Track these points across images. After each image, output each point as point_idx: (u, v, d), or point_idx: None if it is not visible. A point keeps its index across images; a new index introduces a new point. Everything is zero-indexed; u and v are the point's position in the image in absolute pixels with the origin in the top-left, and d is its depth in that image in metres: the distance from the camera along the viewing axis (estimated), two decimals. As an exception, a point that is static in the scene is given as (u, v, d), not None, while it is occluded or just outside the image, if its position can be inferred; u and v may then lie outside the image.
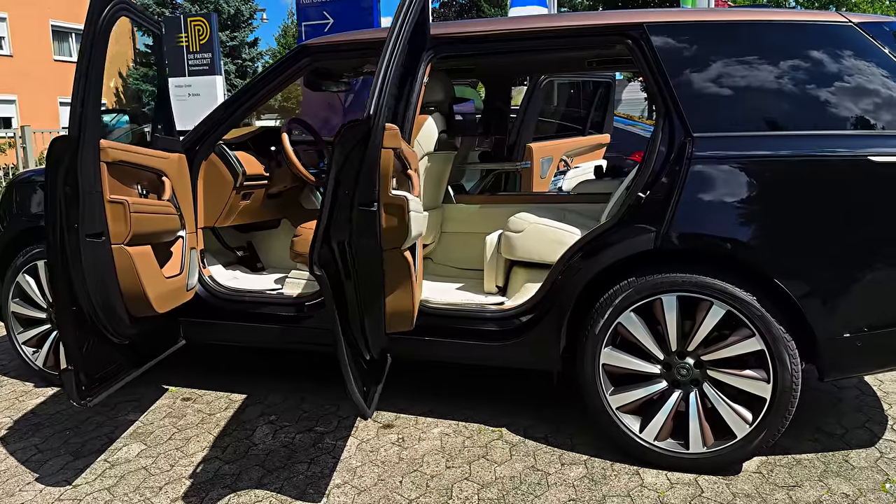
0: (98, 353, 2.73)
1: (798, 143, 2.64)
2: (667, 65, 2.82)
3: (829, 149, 2.61)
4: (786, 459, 2.90)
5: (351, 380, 2.34)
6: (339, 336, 2.27)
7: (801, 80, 2.70)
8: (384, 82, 2.07)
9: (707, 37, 2.81)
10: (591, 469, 2.85)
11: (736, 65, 2.76)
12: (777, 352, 2.62)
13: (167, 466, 2.95)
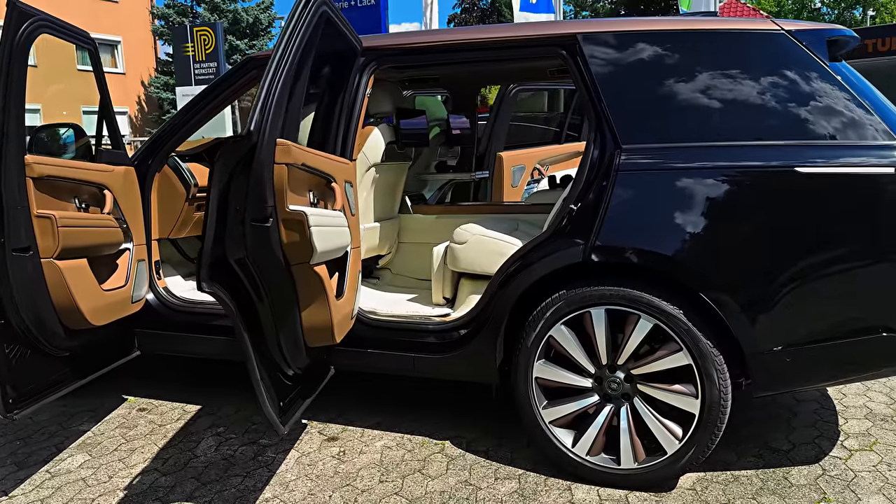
0: (30, 366, 2.77)
1: (724, 154, 2.59)
2: (597, 76, 2.79)
3: (755, 160, 2.55)
4: (724, 476, 2.84)
5: (263, 395, 2.34)
6: (247, 352, 2.28)
7: (730, 89, 2.65)
8: (268, 98, 2.07)
9: (637, 46, 2.77)
10: (524, 484, 2.82)
11: (665, 75, 2.71)
12: (704, 367, 2.57)
13: (105, 478, 2.98)
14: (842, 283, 2.51)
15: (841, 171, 2.48)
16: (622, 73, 2.76)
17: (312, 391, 2.84)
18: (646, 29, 2.79)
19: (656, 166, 2.66)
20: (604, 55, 2.80)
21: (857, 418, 3.33)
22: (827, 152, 2.51)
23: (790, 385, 2.70)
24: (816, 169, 2.49)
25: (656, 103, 2.71)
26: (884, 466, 2.86)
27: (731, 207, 2.56)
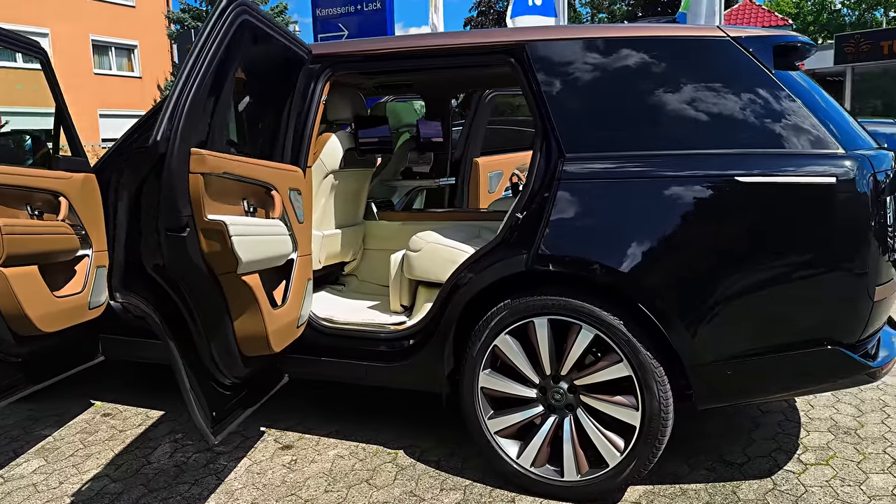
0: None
1: (662, 163, 2.55)
2: (543, 84, 2.76)
3: (694, 169, 2.51)
4: (672, 489, 2.79)
5: (193, 404, 2.34)
6: (174, 360, 2.28)
7: (672, 97, 2.61)
8: (177, 108, 2.06)
9: (581, 55, 2.74)
10: (468, 495, 2.80)
11: (608, 83, 2.68)
12: (644, 378, 2.53)
13: (56, 484, 3.00)
14: (783, 295, 2.46)
15: (782, 180, 2.42)
16: (566, 81, 2.73)
17: (256, 400, 2.84)
18: (588, 36, 2.76)
19: (596, 175, 2.62)
20: (549, 63, 2.77)
21: (820, 431, 3.27)
22: (768, 161, 2.46)
23: (734, 398, 2.65)
24: (756, 178, 2.44)
25: (599, 111, 2.68)
26: (837, 482, 2.80)
27: (668, 217, 2.52)
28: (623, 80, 2.67)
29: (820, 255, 2.43)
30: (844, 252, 2.41)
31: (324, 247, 3.52)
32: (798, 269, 2.44)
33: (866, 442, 3.14)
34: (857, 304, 2.44)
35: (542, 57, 2.78)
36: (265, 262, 2.45)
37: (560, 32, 2.82)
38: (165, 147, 2.02)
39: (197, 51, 2.14)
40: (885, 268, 2.50)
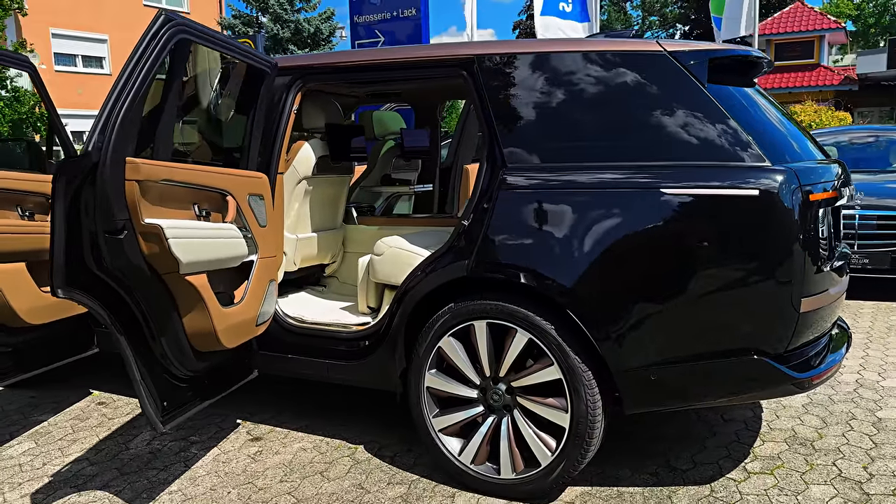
0: None
1: (594, 175, 2.63)
2: (489, 96, 2.87)
3: (621, 180, 2.59)
4: (609, 491, 2.86)
5: (143, 393, 2.53)
6: (124, 351, 2.47)
7: (607, 110, 2.69)
8: (109, 120, 2.24)
9: (524, 69, 2.84)
10: (412, 489, 2.92)
11: (547, 96, 2.77)
12: (573, 382, 2.62)
13: (39, 465, 3.24)
14: (707, 304, 2.51)
15: (706, 192, 2.48)
16: (509, 94, 2.83)
17: (218, 392, 3.01)
18: (532, 51, 2.85)
19: (531, 186, 2.72)
20: (495, 76, 2.88)
21: (776, 441, 3.28)
22: (694, 173, 2.52)
23: (660, 403, 2.70)
24: (681, 190, 2.50)
25: (538, 124, 2.78)
26: (775, 491, 2.82)
27: (595, 227, 2.59)
28: (561, 94, 2.76)
29: (743, 266, 2.47)
30: (767, 263, 2.45)
31: (298, 249, 3.69)
32: (721, 280, 2.49)
33: (819, 454, 3.15)
34: (782, 315, 2.48)
35: (490, 70, 2.89)
36: (212, 264, 2.63)
37: (506, 47, 2.92)
38: (98, 156, 2.21)
39: (130, 68, 2.33)
40: (814, 279, 2.54)
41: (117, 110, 2.25)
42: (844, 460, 3.07)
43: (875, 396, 3.81)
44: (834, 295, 2.73)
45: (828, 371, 2.69)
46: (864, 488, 2.83)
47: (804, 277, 2.47)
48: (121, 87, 2.30)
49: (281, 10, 26.41)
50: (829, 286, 2.68)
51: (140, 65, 2.33)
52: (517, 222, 2.73)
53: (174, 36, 2.44)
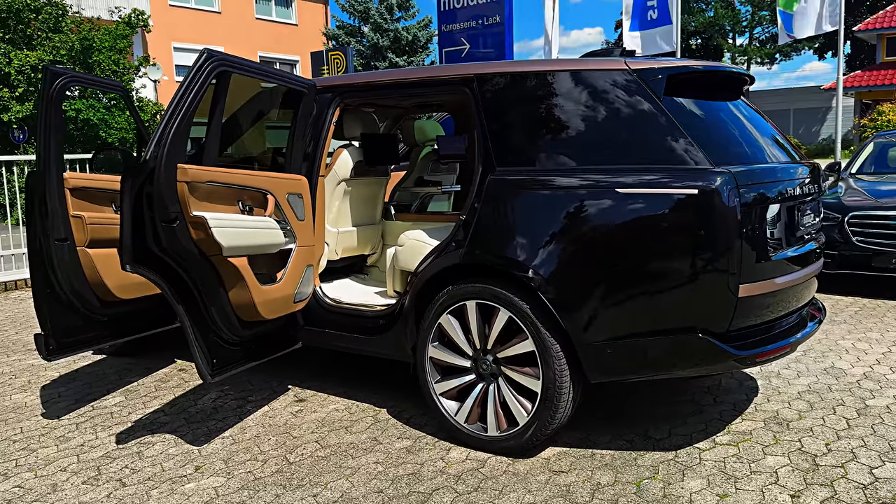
0: (69, 324, 3.79)
1: (563, 176, 3.07)
2: (485, 109, 3.36)
3: (585, 181, 3.01)
4: (583, 452, 3.28)
5: (196, 352, 3.18)
6: (181, 317, 3.13)
7: (576, 120, 3.13)
8: (163, 137, 2.87)
9: (513, 85, 3.31)
10: (416, 443, 3.45)
11: (529, 108, 3.24)
12: (543, 353, 3.07)
13: (126, 413, 3.99)
14: (655, 288, 2.90)
15: (654, 191, 2.88)
16: (499, 106, 3.32)
17: (263, 356, 3.64)
18: (517, 70, 3.32)
19: (512, 185, 3.19)
20: (490, 92, 3.36)
21: (755, 420, 3.59)
22: (645, 175, 2.92)
23: (617, 374, 3.10)
24: (633, 189, 2.91)
25: (520, 133, 3.24)
26: (733, 458, 3.16)
27: (562, 221, 3.03)
28: (539, 107, 3.22)
29: (686, 255, 2.85)
30: (707, 253, 2.82)
31: (339, 241, 4.29)
32: (668, 267, 2.88)
33: (790, 432, 3.43)
34: (721, 299, 2.84)
35: (487, 87, 3.38)
36: (251, 249, 3.25)
37: (499, 67, 3.39)
38: (154, 163, 2.86)
39: (180, 94, 2.96)
40: (756, 267, 2.88)
41: (170, 127, 2.90)
42: (811, 437, 3.35)
43: (874, 387, 4.01)
44: (784, 282, 3.04)
45: (775, 351, 3.02)
46: (817, 461, 3.11)
47: (741, 266, 2.82)
48: (172, 109, 2.94)
49: (381, 19, 27.53)
50: (778, 274, 3.00)
51: (188, 91, 2.97)
52: (500, 217, 3.21)
53: (215, 68, 3.07)
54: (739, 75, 3.39)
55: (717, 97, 3.28)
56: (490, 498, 2.90)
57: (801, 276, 3.21)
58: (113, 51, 20.00)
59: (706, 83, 3.23)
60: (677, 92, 3.06)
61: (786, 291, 3.09)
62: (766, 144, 3.31)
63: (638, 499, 2.85)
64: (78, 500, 2.99)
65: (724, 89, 3.36)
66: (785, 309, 3.19)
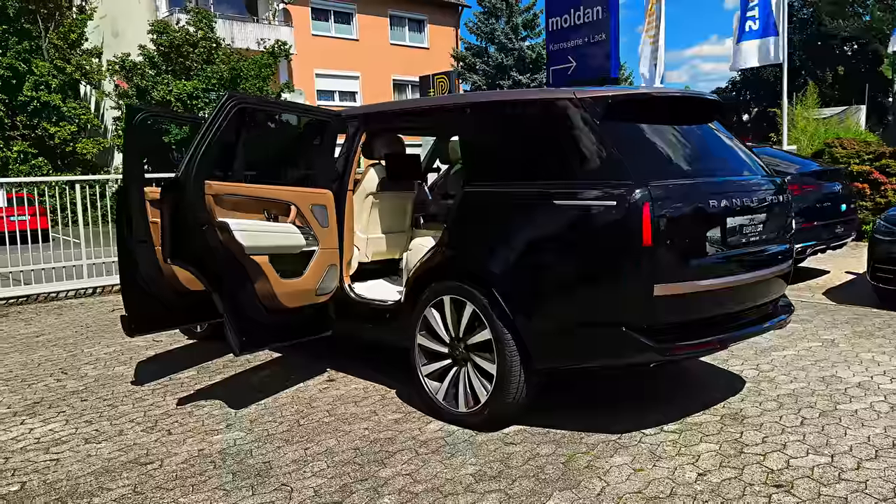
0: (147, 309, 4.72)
1: (513, 190, 3.61)
2: (462, 134, 3.96)
3: (529, 194, 3.53)
4: (539, 430, 3.75)
5: (229, 331, 3.98)
6: (218, 302, 3.95)
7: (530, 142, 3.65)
8: (192, 160, 3.66)
9: (480, 113, 3.89)
10: (406, 416, 4.06)
11: (493, 133, 3.80)
12: (498, 341, 3.60)
13: (193, 384, 4.88)
14: (586, 286, 3.37)
15: (582, 203, 3.35)
16: (471, 131, 3.90)
17: (291, 339, 4.41)
18: (483, 101, 3.92)
19: (474, 198, 3.77)
20: (465, 119, 3.96)
21: (715, 415, 3.89)
22: (578, 189, 3.39)
23: (557, 361, 3.56)
24: (566, 202, 3.39)
25: (485, 153, 3.81)
26: (668, 443, 3.52)
27: (510, 228, 3.57)
28: (501, 130, 3.79)
29: (609, 257, 3.30)
30: (625, 256, 3.26)
31: (369, 245, 5.00)
32: (595, 269, 3.34)
33: (739, 426, 3.72)
34: (638, 298, 3.26)
35: (473, 113, 3.97)
36: (272, 249, 4.01)
37: (471, 98, 4.01)
38: (185, 181, 3.69)
39: (206, 126, 3.77)
40: (672, 270, 3.27)
41: (198, 152, 3.72)
42: (755, 431, 3.63)
43: (858, 394, 4.16)
44: (711, 284, 3.39)
45: (699, 346, 3.39)
46: (745, 450, 3.42)
47: (655, 269, 3.23)
48: (200, 138, 3.76)
49: (506, 39, 28.33)
50: (702, 277, 3.36)
51: (212, 124, 3.78)
52: (466, 224, 3.79)
53: (235, 107, 3.87)
54: (702, 101, 3.77)
55: (672, 120, 3.67)
56: (441, 458, 3.46)
57: (738, 280, 3.53)
58: (258, 79, 22.09)
59: (659, 107, 3.65)
60: (617, 117, 3.50)
61: (716, 293, 3.43)
62: (718, 162, 3.67)
63: (563, 467, 3.31)
64: (134, 442, 3.86)
65: (685, 112, 3.75)
66: (723, 308, 3.53)
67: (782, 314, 3.98)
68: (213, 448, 3.73)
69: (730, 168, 3.78)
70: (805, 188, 7.83)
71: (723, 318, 3.58)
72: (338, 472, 3.37)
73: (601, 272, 3.32)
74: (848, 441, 3.47)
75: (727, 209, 3.48)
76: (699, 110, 3.89)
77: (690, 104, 3.82)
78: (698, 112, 3.88)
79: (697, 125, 3.83)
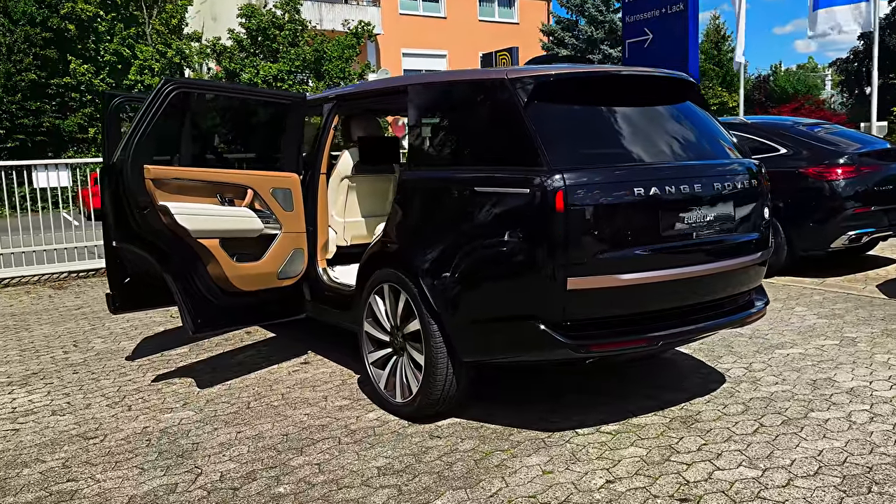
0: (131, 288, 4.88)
1: (440, 176, 3.46)
2: (410, 113, 3.84)
3: (453, 181, 3.38)
4: (476, 424, 3.62)
5: (182, 310, 4.07)
6: (169, 283, 4.04)
7: (458, 126, 3.51)
8: (129, 143, 3.71)
9: (424, 94, 3.75)
10: (352, 404, 4.03)
11: (426, 116, 3.66)
12: (425, 332, 3.49)
13: (179, 362, 5.05)
14: (500, 278, 3.20)
15: (500, 190, 3.18)
16: (416, 111, 3.77)
17: (253, 322, 4.46)
18: (423, 81, 3.76)
19: (407, 184, 3.65)
20: (414, 99, 3.83)
21: (665, 416, 3.63)
22: (497, 176, 3.21)
23: (477, 354, 3.40)
24: (485, 188, 3.23)
25: (421, 138, 3.68)
26: (595, 445, 3.31)
27: (435, 216, 3.45)
28: (432, 113, 3.65)
29: (522, 248, 3.12)
30: (538, 248, 3.07)
31: (347, 229, 4.97)
32: (510, 261, 3.16)
33: (683, 431, 3.46)
34: (551, 291, 3.06)
35: (412, 95, 3.84)
36: (222, 232, 4.05)
37: (415, 80, 3.85)
38: (121, 166, 3.77)
39: (143, 111, 3.82)
40: (589, 262, 3.05)
41: (134, 137, 3.78)
42: (696, 437, 3.36)
43: (842, 401, 3.77)
44: (637, 278, 3.14)
45: (620, 344, 3.16)
46: (672, 458, 3.17)
47: (568, 261, 3.02)
48: (136, 123, 3.83)
49: (596, 11, 27.43)
50: (626, 270, 3.12)
51: (149, 109, 3.83)
52: (400, 210, 3.69)
53: (172, 91, 3.90)
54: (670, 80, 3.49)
55: (625, 100, 3.41)
56: (360, 449, 3.41)
57: (677, 273, 3.25)
58: (340, 60, 22.45)
59: (607, 87, 3.40)
60: (551, 98, 3.28)
61: (645, 287, 3.18)
62: (674, 146, 3.40)
63: (474, 465, 3.18)
64: (93, 416, 4.04)
65: (646, 92, 3.50)
66: (657, 304, 3.27)
67: (747, 310, 3.65)
68: (158, 426, 3.84)
69: (690, 153, 3.48)
70: (863, 169, 7.15)
71: (658, 314, 3.31)
72: (254, 457, 3.39)
73: (515, 264, 3.15)
74: (794, 454, 3.15)
75: (663, 197, 3.20)
76: (663, 90, 3.58)
77: (652, 83, 3.52)
78: (662, 91, 3.58)
79: (660, 105, 3.54)
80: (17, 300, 7.81)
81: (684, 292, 3.34)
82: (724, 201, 3.43)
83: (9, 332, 6.21)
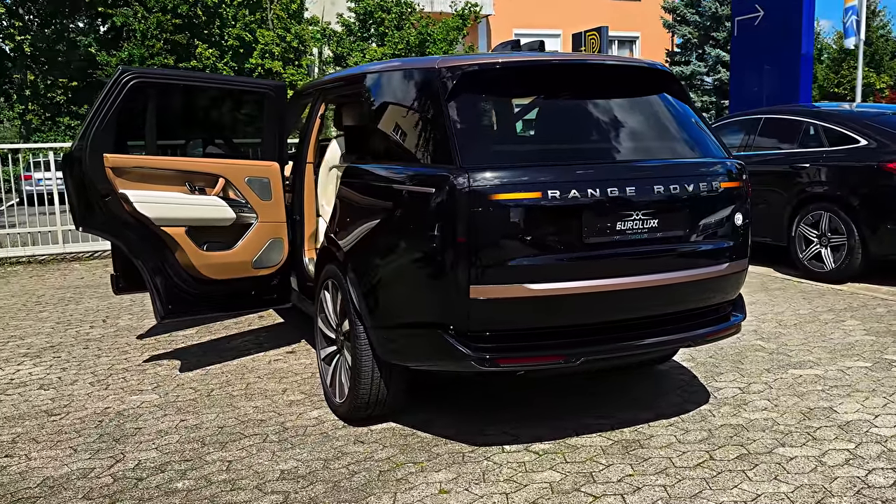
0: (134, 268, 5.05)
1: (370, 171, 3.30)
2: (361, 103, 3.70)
3: (375, 177, 3.21)
4: (408, 431, 3.46)
5: (153, 296, 4.16)
6: (141, 269, 4.13)
7: (388, 118, 3.32)
8: (86, 133, 3.76)
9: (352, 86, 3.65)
10: (305, 399, 3.97)
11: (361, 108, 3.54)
12: (351, 331, 3.37)
13: (181, 343, 5.20)
14: (407, 281, 3.02)
15: (412, 188, 2.99)
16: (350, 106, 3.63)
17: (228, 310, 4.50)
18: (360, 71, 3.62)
19: (344, 177, 3.50)
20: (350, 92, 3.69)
21: (611, 439, 3.32)
22: (413, 173, 3.02)
23: (392, 357, 3.20)
24: (403, 186, 3.05)
25: (356, 129, 3.55)
26: (515, 465, 3.07)
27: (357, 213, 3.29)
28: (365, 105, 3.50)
29: (427, 253, 2.91)
30: (440, 253, 2.85)
31: (335, 219, 4.91)
32: (416, 264, 2.98)
33: (618, 457, 3.14)
34: (454, 299, 2.84)
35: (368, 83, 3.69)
36: (186, 221, 4.08)
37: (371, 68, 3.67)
38: (80, 154, 3.85)
39: (100, 100, 3.87)
40: (495, 271, 2.81)
41: (92, 126, 3.86)
42: (627, 466, 3.04)
43: (827, 435, 3.30)
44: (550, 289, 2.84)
45: (529, 360, 2.90)
46: (584, 487, 2.87)
47: (471, 268, 2.79)
48: (94, 112, 3.90)
49: (722, -13, 25.69)
50: (539, 280, 2.84)
51: (106, 98, 3.89)
52: (339, 206, 3.56)
53: (129, 82, 3.93)
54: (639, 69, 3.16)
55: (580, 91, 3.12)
56: (279, 449, 3.35)
57: (602, 285, 2.93)
58: (444, 42, 22.38)
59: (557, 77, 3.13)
60: (478, 90, 3.04)
61: (563, 298, 2.88)
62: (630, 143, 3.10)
63: (376, 476, 3.03)
64: (72, 393, 4.23)
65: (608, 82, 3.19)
66: (582, 318, 2.96)
67: (714, 325, 3.25)
68: (119, 407, 3.96)
69: (643, 152, 3.12)
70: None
71: (586, 328, 3.00)
72: (178, 448, 3.41)
73: (421, 269, 2.95)
74: (723, 497, 2.77)
75: (586, 201, 2.87)
76: (632, 81, 3.23)
77: (618, 74, 3.18)
78: (631, 84, 3.23)
79: (623, 99, 3.19)
80: (91, 273, 8.38)
81: (617, 306, 3.01)
82: (674, 206, 3.05)
83: (60, 305, 6.65)
